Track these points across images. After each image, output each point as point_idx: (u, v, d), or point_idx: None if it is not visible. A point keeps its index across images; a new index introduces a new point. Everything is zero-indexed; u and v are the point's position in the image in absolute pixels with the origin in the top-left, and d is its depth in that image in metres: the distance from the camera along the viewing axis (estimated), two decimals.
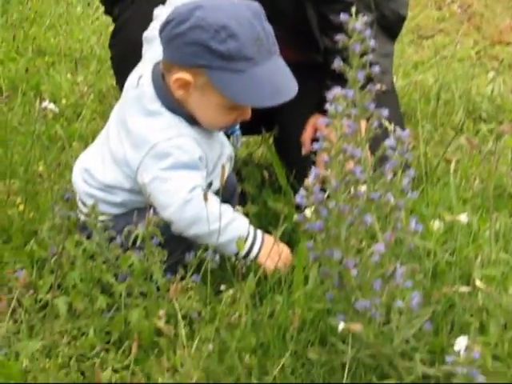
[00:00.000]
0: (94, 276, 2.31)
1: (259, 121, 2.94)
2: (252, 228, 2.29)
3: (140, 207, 2.36)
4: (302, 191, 1.96)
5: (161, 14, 2.43)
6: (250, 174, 3.02)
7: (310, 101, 2.68)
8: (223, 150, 2.46)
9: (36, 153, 3.16)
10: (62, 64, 4.06)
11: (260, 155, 3.30)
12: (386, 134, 2.14)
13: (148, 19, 2.50)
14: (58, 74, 3.92)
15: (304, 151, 2.79)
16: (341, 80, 2.07)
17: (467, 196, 2.77)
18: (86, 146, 3.10)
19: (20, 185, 2.97)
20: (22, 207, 2.85)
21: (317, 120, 2.73)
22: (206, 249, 2.29)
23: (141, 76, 2.37)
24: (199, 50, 2.20)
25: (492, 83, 4.04)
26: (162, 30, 2.27)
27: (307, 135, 2.81)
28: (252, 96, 2.24)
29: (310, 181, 1.98)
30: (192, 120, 2.32)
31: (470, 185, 2.86)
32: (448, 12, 5.66)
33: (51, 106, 3.10)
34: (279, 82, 2.29)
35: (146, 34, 2.48)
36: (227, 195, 2.51)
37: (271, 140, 3.13)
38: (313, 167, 1.97)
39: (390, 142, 2.10)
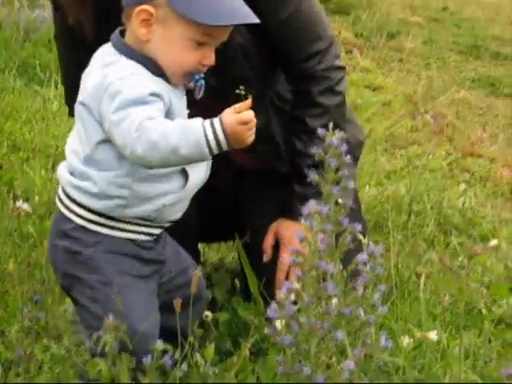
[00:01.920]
0: (61, 382, 2.30)
1: (231, 226, 2.97)
2: (206, 120, 2.12)
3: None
4: (273, 305, 1.98)
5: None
6: (220, 279, 3.01)
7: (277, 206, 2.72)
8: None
9: (7, 250, 3.16)
10: (36, 160, 4.07)
11: (231, 260, 3.30)
12: (358, 246, 2.19)
13: None
14: (32, 170, 3.93)
15: (265, 258, 2.79)
16: (309, 186, 2.13)
17: (437, 312, 2.78)
18: None
19: None
20: None
21: (278, 225, 2.77)
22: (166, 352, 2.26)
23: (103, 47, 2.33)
24: None
25: (463, 196, 4.07)
26: None
27: (268, 242, 2.80)
28: (212, 15, 2.17)
29: (281, 295, 2.00)
30: (155, 69, 2.24)
31: (440, 300, 2.88)
32: (421, 122, 5.74)
33: (25, 206, 3.11)
34: (237, 7, 2.23)
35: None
36: (198, 303, 2.50)
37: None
38: (285, 282, 2.00)
39: (362, 256, 2.13)
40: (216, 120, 2.10)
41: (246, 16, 2.22)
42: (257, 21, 2.24)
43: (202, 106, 2.39)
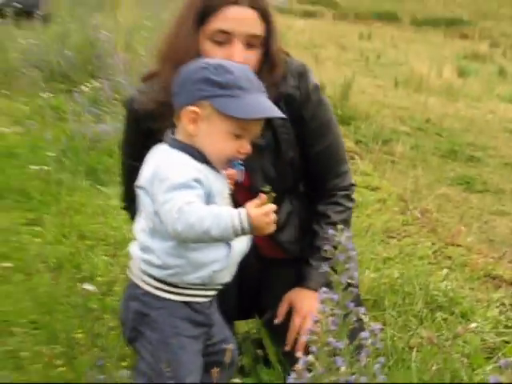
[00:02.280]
0: None
1: (252, 309, 2.99)
2: (235, 210, 2.16)
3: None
4: (293, 374, 2.00)
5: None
6: (247, 349, 3.01)
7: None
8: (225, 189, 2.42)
9: (75, 322, 3.18)
10: (99, 247, 4.11)
11: (256, 333, 3.30)
12: (361, 324, 2.21)
13: None
14: (96, 256, 3.96)
15: (276, 321, 2.77)
16: (323, 259, 2.27)
17: (426, 378, 2.77)
18: (116, 317, 3.15)
19: (61, 350, 2.98)
20: (61, 369, 2.85)
21: (292, 295, 2.76)
22: None
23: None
24: (203, 85, 2.23)
25: (446, 279, 4.08)
26: (174, 86, 2.34)
27: (282, 309, 2.78)
28: (248, 112, 2.23)
29: (300, 366, 2.02)
30: (201, 157, 2.28)
31: (428, 368, 2.87)
32: (411, 217, 5.74)
33: (89, 286, 3.15)
34: (267, 105, 2.29)
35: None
36: (230, 368, 2.51)
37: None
38: (303, 356, 2.01)
39: (365, 334, 2.15)
40: (242, 211, 2.13)
41: (272, 112, 2.30)
42: (281, 115, 2.34)
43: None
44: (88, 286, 3.18)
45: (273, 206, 2.18)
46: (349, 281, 2.26)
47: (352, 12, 40.30)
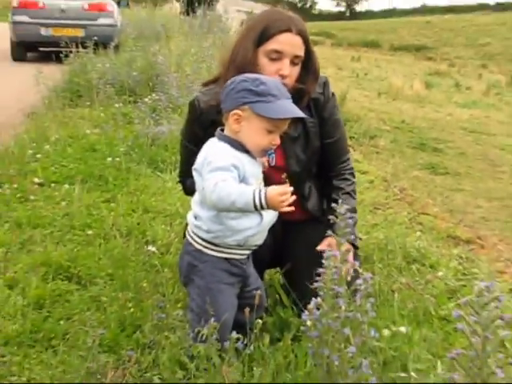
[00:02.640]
0: (176, 357, 2.29)
1: (276, 262, 2.94)
2: (257, 190, 2.18)
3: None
4: (305, 312, 1.99)
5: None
6: (270, 294, 2.97)
7: (312, 248, 2.62)
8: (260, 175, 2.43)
9: (141, 275, 3.17)
10: (159, 218, 4.09)
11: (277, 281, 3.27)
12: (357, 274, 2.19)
13: None
14: (157, 225, 3.95)
15: (320, 247, 2.62)
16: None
17: (405, 314, 2.75)
18: (172, 271, 3.15)
19: (132, 295, 2.97)
20: (132, 310, 2.85)
21: (329, 241, 2.61)
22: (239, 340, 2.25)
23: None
24: (245, 93, 2.27)
25: (418, 240, 4.05)
26: (222, 95, 2.37)
27: (322, 246, 2.64)
28: (278, 113, 2.26)
29: (311, 306, 1.99)
30: (241, 148, 2.31)
31: (406, 305, 2.84)
32: (392, 193, 5.71)
33: (152, 248, 3.14)
34: (292, 108, 2.32)
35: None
36: (259, 309, 2.50)
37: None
38: (313, 299, 1.99)
39: (359, 281, 2.12)
40: (263, 190, 2.15)
41: (296, 113, 2.32)
42: (303, 115, 2.40)
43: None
44: (151, 248, 3.17)
45: (288, 189, 2.16)
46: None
47: (345, 41, 40.26)
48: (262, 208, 2.17)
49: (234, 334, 2.24)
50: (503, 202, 7.55)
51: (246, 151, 2.32)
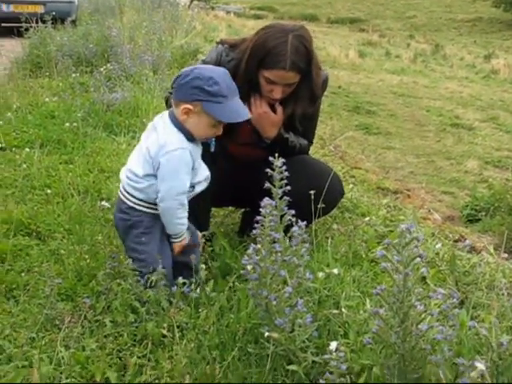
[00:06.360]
0: (128, 302, 2.26)
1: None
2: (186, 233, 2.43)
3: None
4: (245, 257, 1.96)
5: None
6: (215, 242, 2.93)
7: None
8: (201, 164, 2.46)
9: (97, 229, 3.11)
10: (113, 178, 4.01)
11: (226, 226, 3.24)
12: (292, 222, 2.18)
13: None
14: (111, 184, 3.88)
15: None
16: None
17: (337, 257, 2.75)
18: None
19: (88, 248, 2.92)
20: (88, 261, 2.80)
21: None
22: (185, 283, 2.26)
23: (162, 114, 2.42)
24: (197, 91, 2.27)
25: (351, 191, 4.06)
26: (174, 81, 2.36)
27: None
28: (226, 116, 2.29)
29: (250, 251, 1.97)
30: (189, 136, 2.33)
31: (338, 250, 2.85)
32: (327, 150, 5.71)
33: (106, 204, 3.08)
34: (241, 110, 2.35)
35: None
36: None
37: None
38: (252, 245, 1.97)
39: (295, 228, 2.13)
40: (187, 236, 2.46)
41: (243, 117, 2.35)
42: (249, 117, 2.42)
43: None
44: (105, 204, 3.09)
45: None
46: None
47: (287, 15, 40.07)
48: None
49: (181, 279, 2.23)
50: (429, 158, 7.66)
51: (192, 140, 2.36)
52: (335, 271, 2.28)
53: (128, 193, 2.41)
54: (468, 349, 1.90)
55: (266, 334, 1.90)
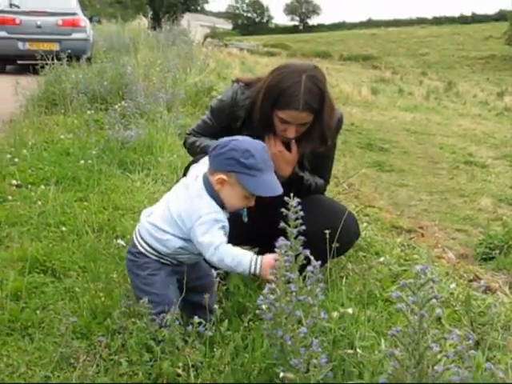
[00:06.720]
0: (143, 341, 2.27)
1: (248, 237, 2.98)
2: (253, 260, 2.25)
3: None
4: (261, 297, 1.98)
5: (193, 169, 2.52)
6: (229, 282, 2.94)
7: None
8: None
9: (112, 267, 3.13)
10: (128, 215, 4.04)
11: None
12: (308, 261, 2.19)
13: None
14: (126, 221, 3.90)
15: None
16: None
17: (352, 297, 2.76)
18: None
19: (103, 286, 2.93)
20: (103, 299, 2.81)
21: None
22: (201, 324, 2.26)
23: (197, 176, 2.40)
24: (233, 162, 2.28)
25: (365, 230, 4.06)
26: (211, 151, 2.36)
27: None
28: (259, 189, 2.30)
29: (265, 291, 1.99)
30: (222, 205, 2.33)
31: (353, 289, 2.85)
32: (341, 188, 5.73)
33: (121, 242, 3.11)
34: (274, 184, 2.34)
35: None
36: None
37: None
38: (267, 285, 1.99)
39: (310, 268, 2.13)
40: (259, 261, 2.23)
41: (276, 192, 2.33)
42: (279, 193, 2.33)
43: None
44: (120, 242, 3.13)
45: (276, 256, 2.15)
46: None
47: (299, 52, 40.44)
48: (253, 275, 2.26)
49: (196, 319, 2.24)
50: (443, 196, 7.65)
51: (224, 208, 2.37)
52: (350, 311, 2.29)
53: (143, 239, 2.41)
54: None
55: (281, 374, 1.91)
